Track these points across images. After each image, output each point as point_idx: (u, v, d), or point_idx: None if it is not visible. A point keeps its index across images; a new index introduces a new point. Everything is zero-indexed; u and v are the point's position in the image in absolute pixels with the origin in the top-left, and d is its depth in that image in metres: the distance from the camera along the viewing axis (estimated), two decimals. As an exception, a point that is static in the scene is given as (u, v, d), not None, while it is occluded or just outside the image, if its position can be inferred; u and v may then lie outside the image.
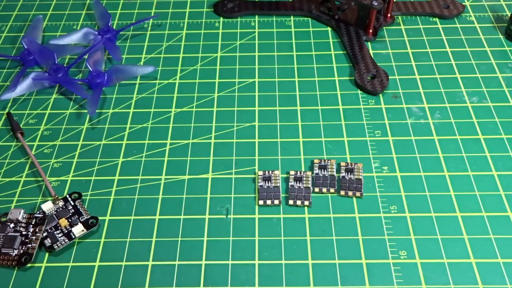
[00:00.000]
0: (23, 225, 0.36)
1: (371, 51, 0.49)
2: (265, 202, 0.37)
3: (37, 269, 0.34)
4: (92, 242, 0.36)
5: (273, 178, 0.39)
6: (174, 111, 0.45)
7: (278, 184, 0.38)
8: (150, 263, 0.35)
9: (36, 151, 0.42)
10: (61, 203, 0.38)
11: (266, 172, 0.39)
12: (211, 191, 0.39)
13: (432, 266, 0.34)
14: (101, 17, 0.53)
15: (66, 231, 0.36)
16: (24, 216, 0.37)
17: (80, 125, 0.44)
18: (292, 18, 0.54)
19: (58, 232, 0.36)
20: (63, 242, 0.36)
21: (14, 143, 0.43)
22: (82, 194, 0.39)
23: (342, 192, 0.38)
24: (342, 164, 0.39)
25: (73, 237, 0.36)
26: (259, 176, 0.39)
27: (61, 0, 0.57)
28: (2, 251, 0.35)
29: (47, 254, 0.35)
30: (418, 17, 0.53)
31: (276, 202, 0.37)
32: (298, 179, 0.38)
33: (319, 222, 0.36)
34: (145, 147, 0.42)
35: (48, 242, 0.35)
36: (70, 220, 0.37)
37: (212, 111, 0.45)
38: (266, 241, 0.35)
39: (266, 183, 0.38)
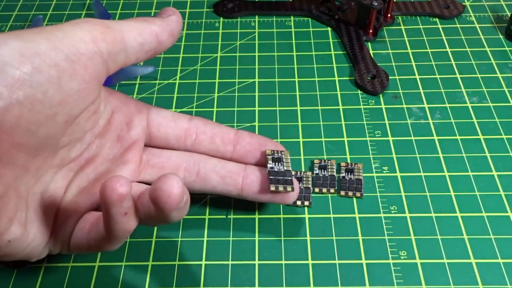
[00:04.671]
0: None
1: (371, 51, 0.49)
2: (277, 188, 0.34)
3: (37, 269, 0.34)
4: (92, 242, 0.36)
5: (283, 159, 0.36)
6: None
7: (289, 169, 0.34)
8: (151, 263, 0.35)
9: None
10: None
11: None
12: (211, 191, 0.39)
13: (432, 266, 0.34)
14: (101, 17, 0.53)
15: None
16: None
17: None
18: (292, 18, 0.54)
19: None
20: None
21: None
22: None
23: (342, 192, 0.38)
24: (342, 164, 0.39)
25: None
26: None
27: (61, 0, 0.57)
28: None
29: (47, 254, 0.35)
30: (418, 17, 0.53)
31: (289, 189, 0.33)
32: (298, 179, 0.38)
33: (319, 222, 0.36)
34: (145, 147, 0.42)
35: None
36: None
37: (212, 111, 0.45)
38: (266, 241, 0.35)
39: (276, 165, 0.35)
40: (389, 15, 0.52)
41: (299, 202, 0.37)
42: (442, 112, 0.43)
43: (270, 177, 0.30)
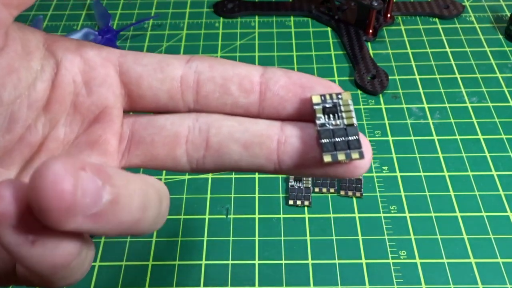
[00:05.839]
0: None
1: (371, 51, 0.49)
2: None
3: (37, 269, 0.35)
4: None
5: None
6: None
7: (353, 121, 0.26)
8: (150, 263, 0.35)
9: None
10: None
11: None
12: (211, 191, 0.39)
13: (432, 266, 0.34)
14: (101, 17, 0.53)
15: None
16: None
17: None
18: (292, 18, 0.54)
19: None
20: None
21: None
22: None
23: (342, 192, 0.38)
24: (342, 164, 0.39)
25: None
26: None
27: (61, 1, 0.57)
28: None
29: (47, 254, 0.35)
30: (418, 17, 0.53)
31: (355, 155, 0.31)
32: (298, 179, 0.38)
33: (319, 222, 0.36)
34: (145, 147, 0.42)
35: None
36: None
37: (212, 111, 0.45)
38: (266, 241, 0.36)
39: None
40: (389, 15, 0.52)
41: (299, 202, 0.37)
42: (441, 112, 0.43)
43: (322, 140, 0.19)
